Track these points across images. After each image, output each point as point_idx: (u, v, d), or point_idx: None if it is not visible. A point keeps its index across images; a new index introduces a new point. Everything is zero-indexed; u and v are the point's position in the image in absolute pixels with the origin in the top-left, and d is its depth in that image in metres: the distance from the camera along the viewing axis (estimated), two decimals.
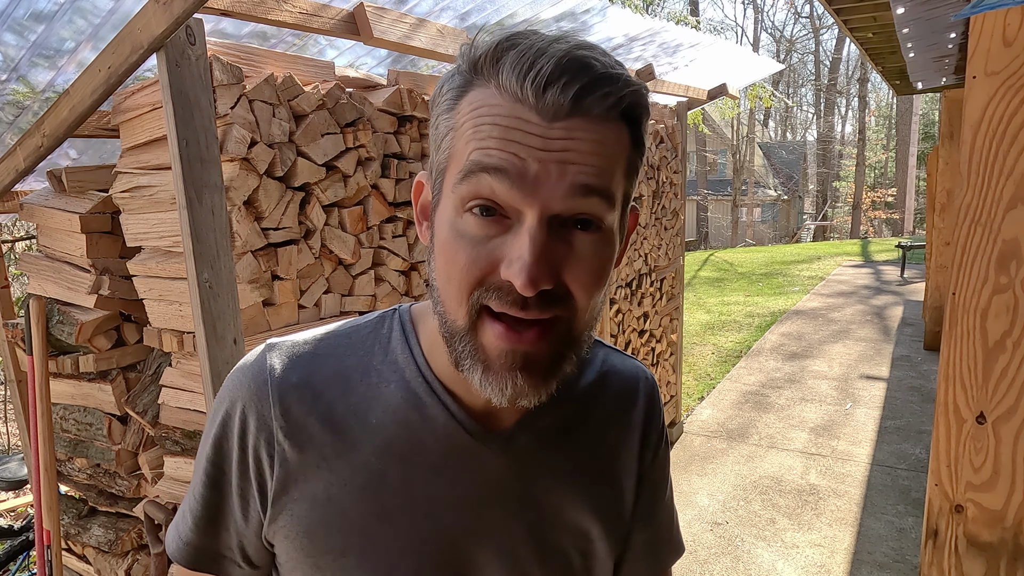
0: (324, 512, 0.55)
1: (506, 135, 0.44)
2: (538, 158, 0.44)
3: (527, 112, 0.44)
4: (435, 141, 0.51)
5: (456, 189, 0.47)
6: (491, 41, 0.46)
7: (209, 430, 0.59)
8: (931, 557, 1.51)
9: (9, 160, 1.69)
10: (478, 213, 0.46)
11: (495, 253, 0.46)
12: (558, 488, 0.60)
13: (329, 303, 1.68)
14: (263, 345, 0.59)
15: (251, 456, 0.56)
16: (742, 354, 6.17)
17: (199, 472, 0.60)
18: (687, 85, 3.49)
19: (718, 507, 3.37)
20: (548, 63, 0.43)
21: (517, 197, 0.45)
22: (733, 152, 23.79)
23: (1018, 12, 1.25)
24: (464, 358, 0.49)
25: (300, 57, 1.62)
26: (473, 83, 0.47)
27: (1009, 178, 1.30)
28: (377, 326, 0.61)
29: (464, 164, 0.46)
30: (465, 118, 0.47)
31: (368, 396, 0.56)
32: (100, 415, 1.76)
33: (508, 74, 0.44)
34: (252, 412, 0.56)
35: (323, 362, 0.58)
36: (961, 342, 1.39)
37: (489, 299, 0.47)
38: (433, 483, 0.56)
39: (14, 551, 2.55)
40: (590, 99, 0.44)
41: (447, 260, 0.48)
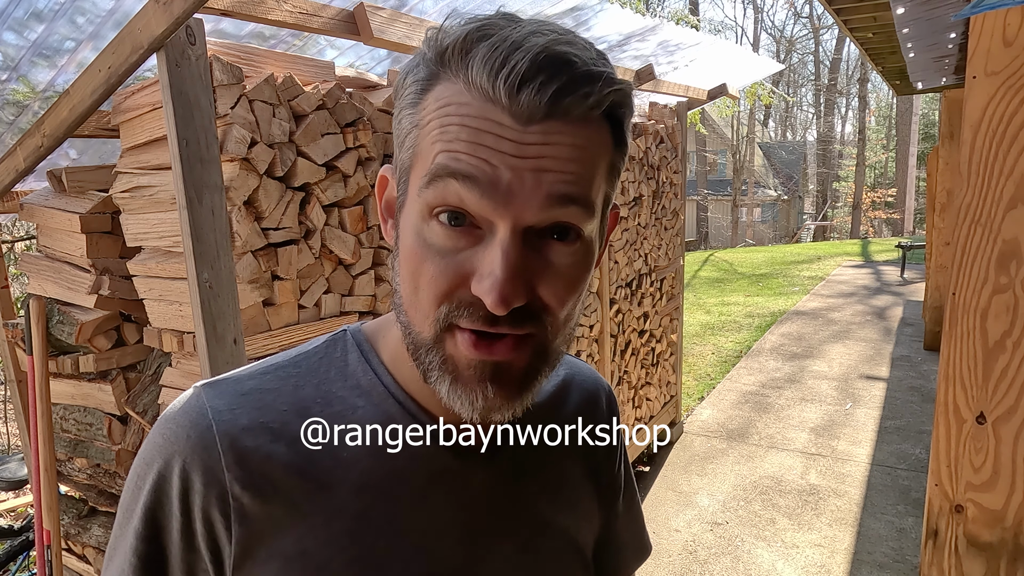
0: (300, 570, 0.47)
1: (476, 138, 0.40)
2: (511, 165, 0.40)
3: (499, 114, 0.40)
4: (398, 137, 0.46)
5: (422, 193, 0.42)
6: (460, 30, 0.41)
7: (134, 501, 0.48)
8: (931, 557, 1.51)
9: (9, 160, 1.69)
10: (446, 222, 0.42)
11: (464, 266, 0.42)
12: (543, 498, 0.57)
13: (329, 303, 1.68)
14: (192, 389, 0.50)
15: (199, 521, 0.46)
16: (742, 354, 6.17)
17: (125, 552, 0.48)
18: (687, 85, 3.49)
19: (718, 507, 3.37)
20: (523, 59, 0.38)
21: (488, 207, 0.40)
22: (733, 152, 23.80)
23: (1018, 12, 1.25)
24: (431, 369, 0.45)
25: (300, 57, 1.62)
26: (440, 76, 0.42)
27: (1009, 178, 1.30)
28: (328, 350, 0.54)
29: (430, 166, 0.41)
30: (431, 115, 0.42)
31: (336, 426, 0.50)
32: (100, 415, 1.76)
33: (479, 70, 0.39)
34: (195, 466, 0.46)
35: (275, 396, 0.50)
36: (961, 342, 1.39)
37: (458, 317, 0.42)
38: (419, 514, 0.50)
39: (14, 551, 2.55)
40: (569, 100, 0.39)
41: (412, 269, 0.44)
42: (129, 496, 0.49)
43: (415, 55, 0.45)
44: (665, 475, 3.76)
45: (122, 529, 0.49)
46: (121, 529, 0.50)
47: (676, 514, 3.32)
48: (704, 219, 25.62)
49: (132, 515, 0.48)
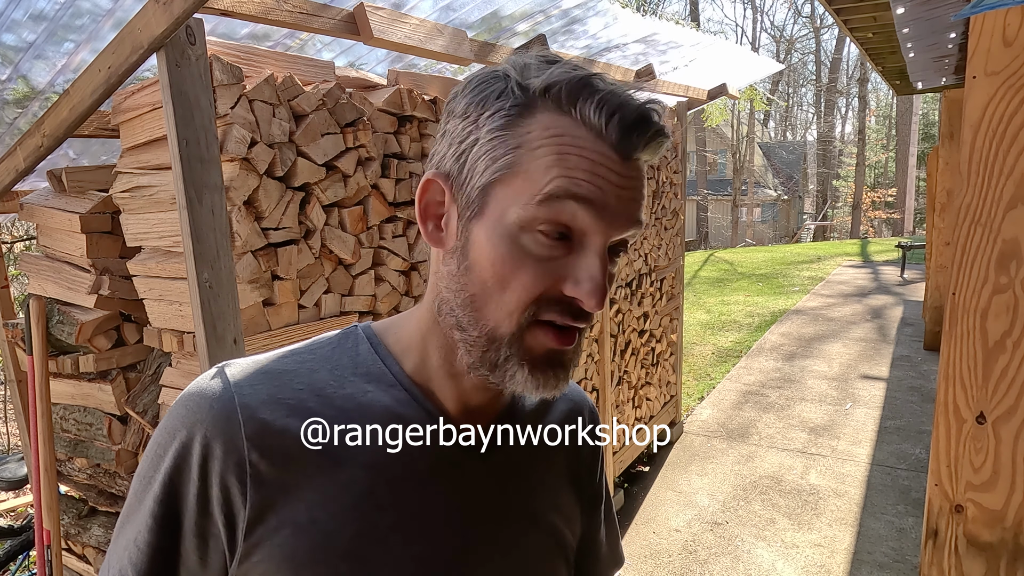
0: (309, 537, 0.50)
1: (593, 168, 0.48)
2: (615, 194, 0.49)
3: (607, 149, 0.48)
4: (484, 151, 0.50)
5: (530, 208, 0.48)
6: (571, 75, 0.49)
7: (155, 467, 0.52)
8: (931, 557, 1.51)
9: (9, 160, 1.69)
10: (550, 234, 0.48)
11: (559, 271, 0.49)
12: (532, 495, 0.62)
13: (329, 303, 1.68)
14: (215, 367, 0.55)
15: (215, 487, 0.50)
16: (742, 354, 6.17)
17: (143, 516, 0.52)
18: (687, 85, 3.49)
19: (718, 507, 3.37)
20: (631, 110, 0.48)
21: (593, 225, 0.48)
22: (733, 152, 23.80)
23: (1018, 12, 1.25)
24: (508, 361, 0.51)
25: (300, 57, 1.62)
26: (540, 107, 0.49)
27: (1009, 178, 1.30)
28: (341, 341, 0.59)
29: (549, 188, 0.47)
30: (542, 141, 0.48)
31: (347, 408, 0.54)
32: (100, 415, 1.76)
33: (594, 111, 0.47)
34: (217, 436, 0.50)
35: (293, 376, 0.55)
36: (961, 342, 1.39)
37: (547, 313, 0.50)
38: (423, 497, 0.55)
39: (14, 551, 2.55)
40: (651, 146, 0.49)
41: (502, 272, 0.49)
42: (149, 464, 0.53)
43: (495, 79, 0.51)
44: (665, 475, 3.76)
45: (140, 495, 0.53)
46: (138, 496, 0.53)
47: (676, 514, 3.32)
48: (704, 219, 25.62)
49: (152, 481, 0.52)
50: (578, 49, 2.55)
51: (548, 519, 0.63)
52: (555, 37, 2.36)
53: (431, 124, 1.95)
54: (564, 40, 2.44)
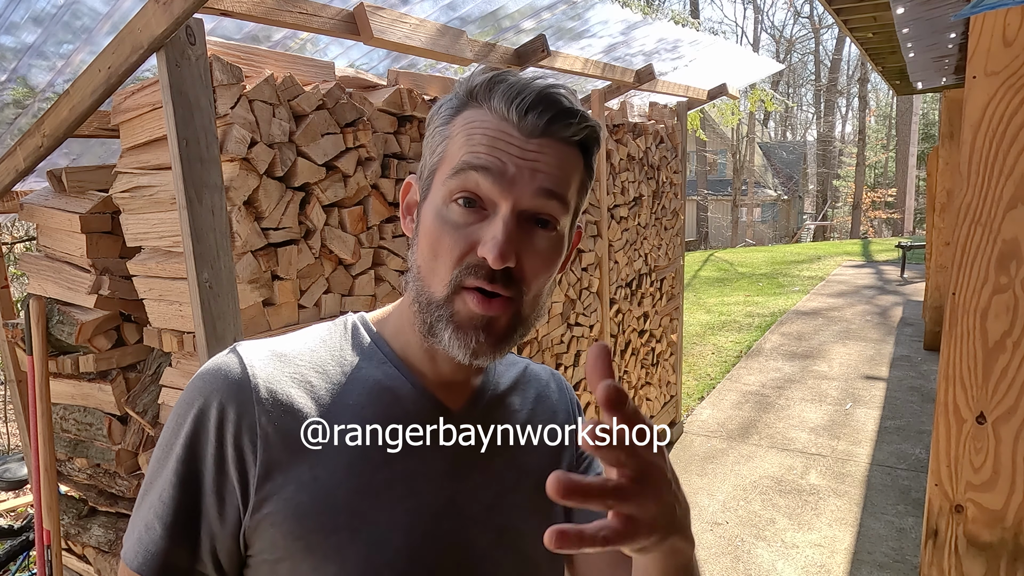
0: (311, 492, 0.57)
1: (493, 144, 0.56)
2: (515, 163, 0.56)
3: (510, 128, 0.56)
4: (430, 148, 0.61)
5: (446, 183, 0.57)
6: (486, 76, 0.58)
7: (177, 431, 0.59)
8: (931, 557, 1.51)
9: (9, 160, 1.69)
10: (462, 204, 0.56)
11: (473, 236, 0.56)
12: (511, 460, 0.68)
13: (329, 303, 1.68)
14: (226, 350, 0.62)
15: (230, 447, 0.57)
16: (742, 354, 6.17)
17: (166, 475, 0.58)
18: (687, 85, 3.49)
19: (718, 507, 3.37)
20: (531, 94, 0.56)
21: (496, 191, 0.55)
22: (733, 152, 23.79)
23: (1018, 12, 1.25)
24: (438, 321, 0.58)
25: (300, 57, 1.62)
26: (468, 105, 0.59)
27: (1009, 178, 1.30)
28: (335, 327, 0.67)
29: (456, 163, 0.56)
30: (459, 130, 0.58)
31: (344, 380, 0.62)
32: (100, 415, 1.76)
33: (499, 100, 0.56)
34: (231, 401, 0.57)
35: (297, 354, 0.62)
36: (961, 342, 1.39)
37: (466, 277, 0.56)
38: (410, 458, 0.61)
39: (14, 551, 2.55)
40: (558, 126, 0.56)
41: (432, 241, 0.58)
42: (170, 432, 0.59)
43: (448, 95, 0.61)
44: None
45: (162, 461, 0.59)
46: (160, 461, 0.59)
47: None
48: (704, 219, 25.61)
49: (173, 445, 0.58)
50: (578, 49, 2.55)
51: (525, 482, 0.67)
52: (555, 37, 2.36)
53: None
54: (564, 40, 2.44)
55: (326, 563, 0.57)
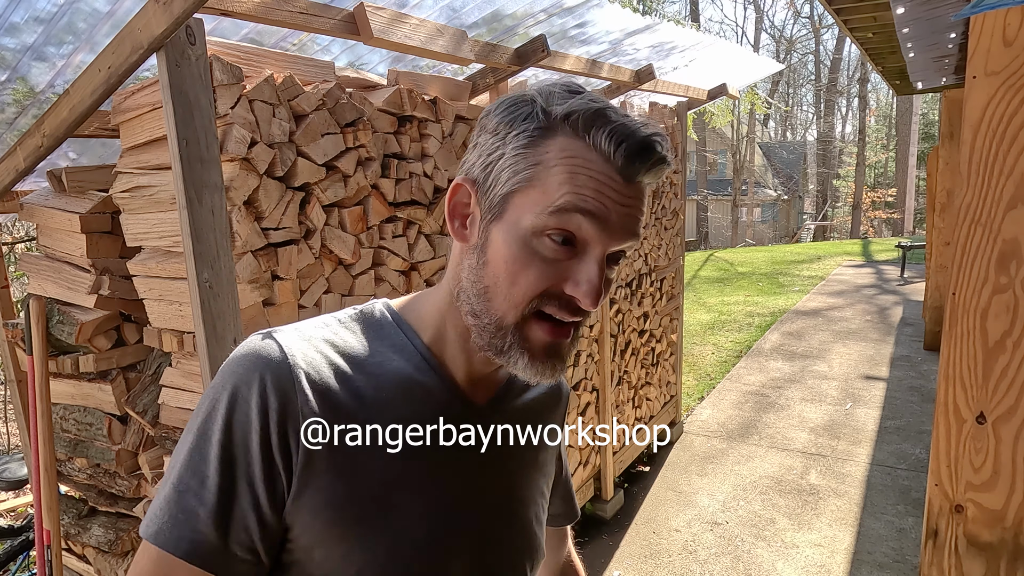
0: (348, 481, 0.59)
1: (599, 188, 0.56)
2: (617, 210, 0.57)
3: (613, 172, 0.57)
4: (511, 167, 0.58)
5: (543, 217, 0.57)
6: (588, 106, 0.57)
7: (214, 414, 0.57)
8: (931, 557, 1.51)
9: (9, 160, 1.69)
10: (558, 241, 0.57)
11: (562, 273, 0.58)
12: (523, 457, 0.73)
13: (329, 303, 1.68)
14: (259, 333, 0.61)
15: (275, 433, 0.57)
16: (742, 354, 6.17)
17: (209, 460, 0.57)
18: (687, 85, 3.49)
19: (718, 507, 3.37)
20: (636, 141, 0.56)
21: (595, 236, 0.57)
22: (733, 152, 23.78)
23: (1018, 12, 1.25)
24: (511, 347, 0.60)
25: (300, 57, 1.62)
26: (559, 131, 0.57)
27: (1009, 178, 1.30)
28: (363, 316, 0.68)
29: (559, 201, 0.56)
30: (558, 161, 0.57)
31: (376, 372, 0.63)
32: (100, 415, 1.76)
33: (606, 140, 0.56)
34: (274, 386, 0.57)
35: (330, 344, 0.63)
36: (961, 342, 1.39)
37: (547, 306, 0.59)
38: (437, 451, 0.64)
39: (14, 551, 2.55)
40: (652, 172, 0.58)
41: (513, 269, 0.58)
42: (208, 410, 0.58)
43: (524, 103, 0.59)
44: (665, 475, 3.76)
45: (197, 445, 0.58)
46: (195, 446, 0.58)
47: (676, 514, 3.32)
48: (704, 219, 25.61)
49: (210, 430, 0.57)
50: (579, 49, 2.55)
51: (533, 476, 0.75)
52: (556, 37, 2.36)
53: (431, 124, 1.95)
54: (565, 40, 2.44)
55: (357, 550, 0.59)
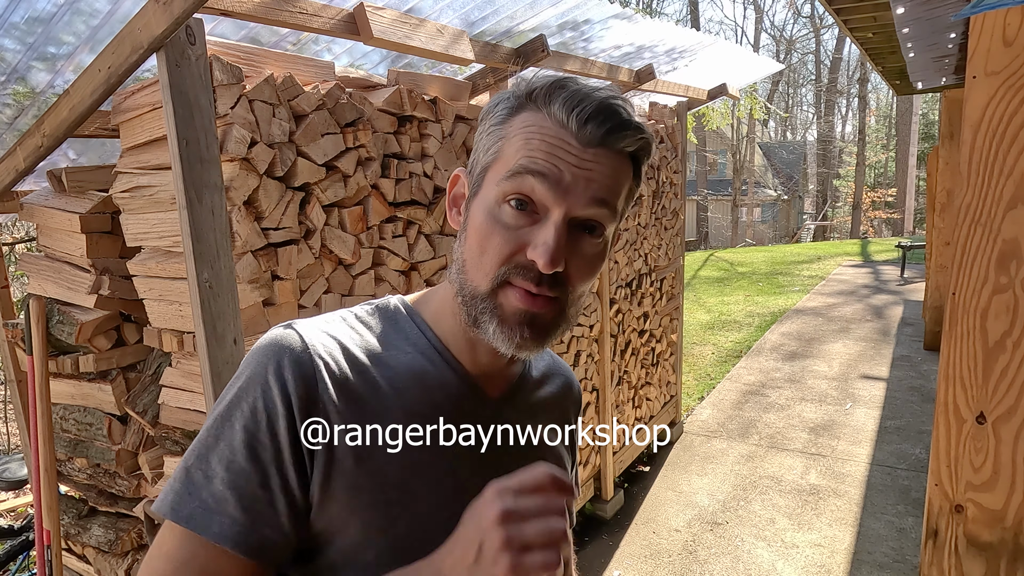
0: (368, 468, 0.60)
1: (551, 150, 0.57)
2: (571, 172, 0.57)
3: (569, 137, 0.57)
4: (484, 145, 0.62)
5: (501, 184, 0.59)
6: (548, 79, 0.60)
7: (239, 400, 0.58)
8: (931, 557, 1.51)
9: (9, 160, 1.69)
10: (515, 206, 0.58)
11: (523, 238, 0.58)
12: (532, 448, 0.73)
13: (329, 303, 1.68)
14: (281, 325, 0.63)
15: (300, 418, 0.58)
16: (742, 354, 6.17)
17: (236, 446, 0.57)
18: (687, 85, 3.49)
19: (718, 507, 3.37)
20: (591, 104, 0.57)
21: (550, 197, 0.57)
22: (733, 152, 23.78)
23: (1018, 12, 1.25)
24: (483, 314, 0.60)
25: (300, 57, 1.62)
26: (525, 107, 0.60)
27: (1009, 178, 1.30)
28: (379, 310, 0.70)
29: (513, 165, 0.58)
30: (517, 131, 0.59)
31: (391, 364, 0.64)
32: (100, 415, 1.76)
33: (559, 107, 0.58)
34: (297, 376, 0.59)
35: (349, 338, 0.64)
36: (961, 342, 1.39)
37: (513, 275, 0.58)
38: (449, 439, 0.65)
39: (14, 551, 2.54)
40: (615, 136, 0.58)
41: (481, 238, 0.59)
42: (234, 396, 0.59)
43: (505, 91, 0.63)
44: (665, 475, 3.76)
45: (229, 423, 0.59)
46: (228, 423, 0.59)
47: (676, 514, 3.32)
48: (704, 219, 25.61)
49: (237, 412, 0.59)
50: (579, 49, 2.55)
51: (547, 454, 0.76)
52: (556, 37, 2.36)
53: (431, 124, 1.94)
54: (565, 40, 2.44)
55: (376, 535, 0.60)
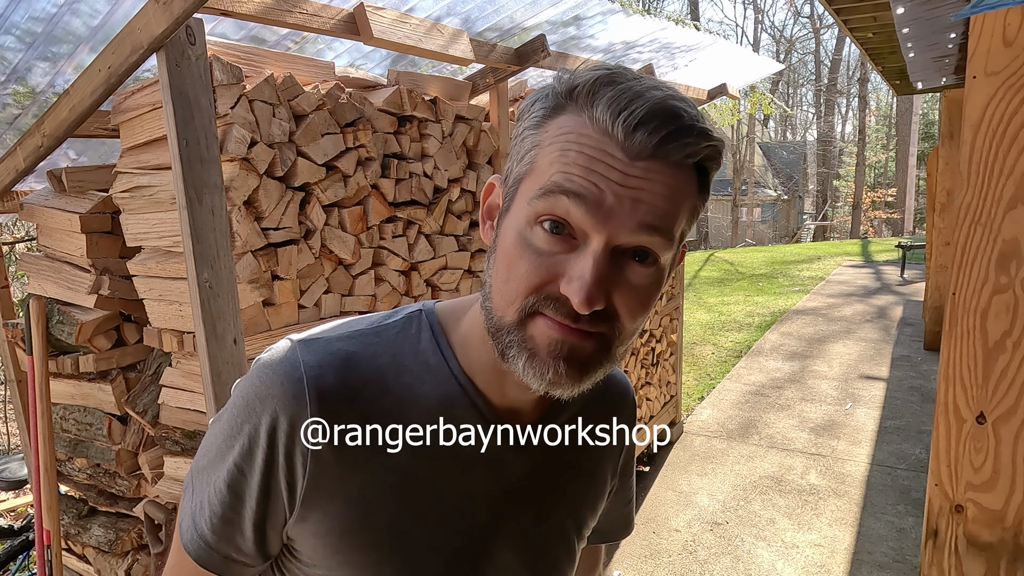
0: (358, 511, 0.56)
1: (590, 164, 0.47)
2: (615, 192, 0.47)
3: (613, 147, 0.47)
4: (518, 152, 0.53)
5: (532, 203, 0.49)
6: (592, 75, 0.49)
7: (235, 428, 0.57)
8: (931, 557, 1.51)
9: (9, 160, 1.69)
10: (548, 229, 0.49)
11: (556, 267, 0.49)
12: (564, 486, 0.66)
13: (329, 303, 1.68)
14: (289, 341, 0.58)
15: (282, 456, 0.55)
16: (742, 354, 6.17)
17: (221, 470, 0.58)
18: (687, 85, 3.49)
19: (718, 507, 3.37)
20: (642, 107, 0.46)
21: (588, 223, 0.48)
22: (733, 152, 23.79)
23: (1018, 12, 1.25)
24: (511, 347, 0.52)
25: (300, 57, 1.62)
26: (565, 108, 0.50)
27: (1009, 178, 1.30)
28: (405, 326, 0.62)
29: (546, 182, 0.49)
30: (552, 139, 0.50)
31: (403, 397, 0.58)
32: (100, 415, 1.76)
33: (603, 109, 0.47)
34: (285, 412, 0.55)
35: (358, 360, 0.58)
36: (961, 342, 1.39)
37: (544, 307, 0.50)
38: (460, 481, 0.59)
39: (14, 551, 2.55)
40: (672, 146, 0.47)
41: (509, 263, 0.51)
42: (232, 420, 0.57)
43: (545, 86, 0.52)
44: (665, 475, 3.76)
45: (224, 443, 0.58)
46: (223, 443, 0.58)
47: (676, 514, 3.32)
48: (704, 219, 25.61)
49: (233, 440, 0.57)
50: (579, 49, 2.55)
51: (571, 506, 0.68)
52: (556, 37, 2.36)
53: (431, 124, 1.95)
54: (565, 40, 2.44)
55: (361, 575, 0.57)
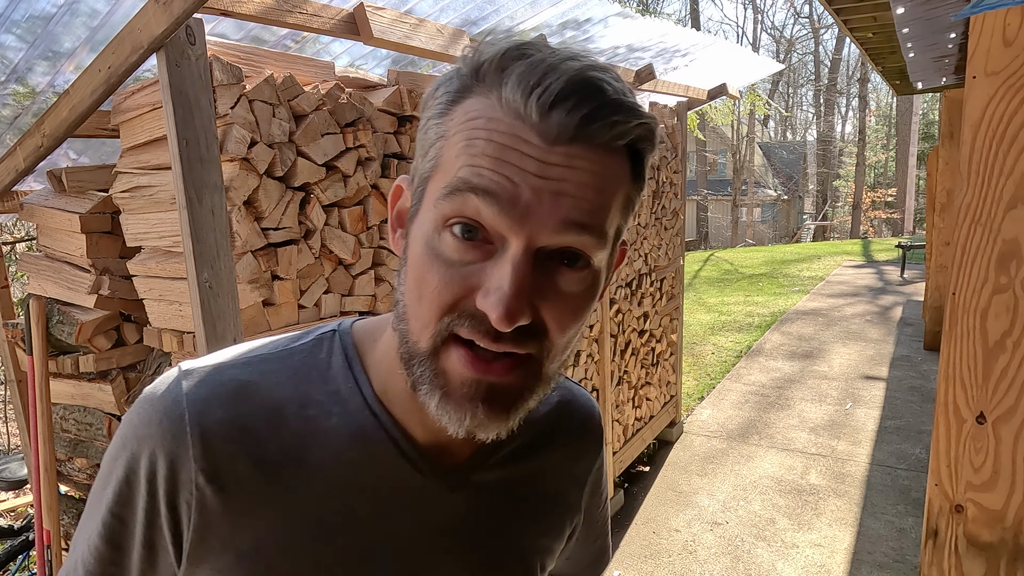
0: (251, 565, 0.48)
1: (501, 154, 0.40)
2: (532, 185, 0.40)
3: (527, 131, 0.40)
4: (423, 146, 0.46)
5: (438, 205, 0.42)
6: (498, 48, 0.41)
7: (110, 474, 0.50)
8: (931, 557, 1.51)
9: (9, 160, 1.69)
10: (459, 234, 0.41)
11: (472, 279, 0.41)
12: (514, 521, 0.57)
13: (329, 303, 1.68)
14: (175, 370, 0.50)
15: (163, 504, 0.48)
16: (742, 354, 6.17)
17: (95, 522, 0.51)
18: (687, 85, 3.49)
19: (718, 507, 3.37)
20: (557, 81, 0.39)
21: (504, 224, 0.40)
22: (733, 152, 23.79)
23: (1018, 12, 1.25)
24: (423, 382, 0.44)
25: (300, 57, 1.62)
26: (472, 90, 0.43)
27: (1009, 178, 1.30)
28: (314, 350, 0.53)
29: (451, 180, 0.41)
30: (458, 127, 0.42)
31: (305, 432, 0.49)
32: (100, 415, 1.76)
33: (512, 87, 0.40)
34: (164, 453, 0.47)
35: (252, 392, 0.49)
36: (961, 342, 1.39)
37: (460, 327, 0.42)
38: (377, 527, 0.51)
39: (14, 551, 2.55)
40: (597, 126, 0.40)
41: (417, 278, 0.43)
42: (107, 468, 0.51)
43: (451, 69, 0.45)
44: (665, 475, 3.76)
45: (97, 499, 0.51)
46: (96, 499, 0.52)
47: (676, 514, 3.32)
48: (704, 219, 25.62)
49: (107, 487, 0.50)
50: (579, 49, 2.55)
51: (524, 542, 0.58)
52: (556, 37, 2.36)
53: None
54: (565, 40, 2.44)
55: None
